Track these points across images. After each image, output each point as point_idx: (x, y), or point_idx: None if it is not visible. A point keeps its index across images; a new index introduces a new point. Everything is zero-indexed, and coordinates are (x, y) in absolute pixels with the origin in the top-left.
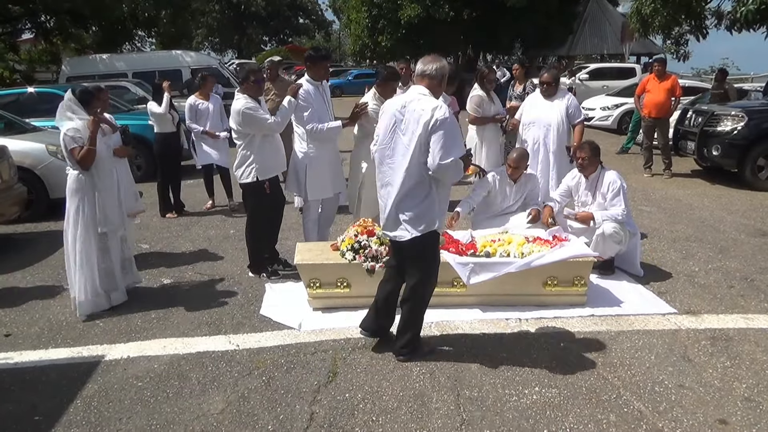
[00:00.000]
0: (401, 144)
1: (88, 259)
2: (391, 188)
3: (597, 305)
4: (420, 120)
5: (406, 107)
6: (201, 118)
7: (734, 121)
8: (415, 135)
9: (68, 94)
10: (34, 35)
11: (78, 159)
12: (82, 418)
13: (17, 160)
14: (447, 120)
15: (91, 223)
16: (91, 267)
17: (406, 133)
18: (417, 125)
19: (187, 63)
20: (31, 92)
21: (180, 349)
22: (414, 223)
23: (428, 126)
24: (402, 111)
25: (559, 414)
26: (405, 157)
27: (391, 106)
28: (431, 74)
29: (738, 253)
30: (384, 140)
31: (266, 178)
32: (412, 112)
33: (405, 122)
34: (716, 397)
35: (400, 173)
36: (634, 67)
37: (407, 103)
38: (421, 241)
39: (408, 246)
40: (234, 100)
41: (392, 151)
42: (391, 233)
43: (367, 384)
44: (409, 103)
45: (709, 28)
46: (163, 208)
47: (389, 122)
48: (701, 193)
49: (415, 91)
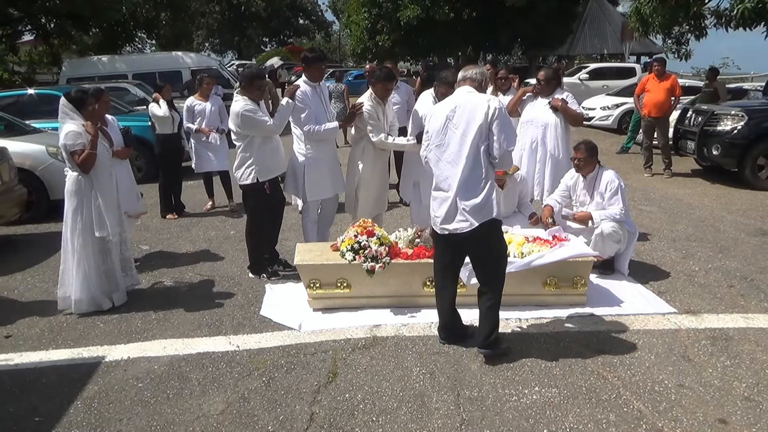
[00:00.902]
0: (455, 138)
1: (86, 260)
2: (449, 181)
3: (597, 305)
4: (476, 110)
5: (457, 105)
6: (197, 119)
7: (734, 120)
8: (472, 125)
9: (63, 99)
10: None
11: (79, 163)
12: (82, 419)
13: (17, 161)
14: (502, 109)
15: (89, 224)
16: (89, 267)
17: (459, 127)
18: (473, 115)
19: (187, 64)
20: (31, 94)
21: (180, 350)
22: (474, 212)
23: (488, 115)
24: (454, 109)
25: (559, 414)
26: (462, 149)
27: (442, 108)
28: (472, 77)
29: (738, 253)
30: (437, 140)
31: (266, 179)
32: (464, 106)
33: (457, 117)
34: (716, 396)
35: (457, 166)
36: (634, 67)
37: (457, 101)
38: (483, 230)
39: (469, 237)
40: (233, 101)
41: (446, 147)
42: (450, 226)
43: (367, 384)
44: (460, 100)
45: (709, 28)
46: (163, 210)
47: (441, 122)
48: (701, 193)
49: (462, 91)
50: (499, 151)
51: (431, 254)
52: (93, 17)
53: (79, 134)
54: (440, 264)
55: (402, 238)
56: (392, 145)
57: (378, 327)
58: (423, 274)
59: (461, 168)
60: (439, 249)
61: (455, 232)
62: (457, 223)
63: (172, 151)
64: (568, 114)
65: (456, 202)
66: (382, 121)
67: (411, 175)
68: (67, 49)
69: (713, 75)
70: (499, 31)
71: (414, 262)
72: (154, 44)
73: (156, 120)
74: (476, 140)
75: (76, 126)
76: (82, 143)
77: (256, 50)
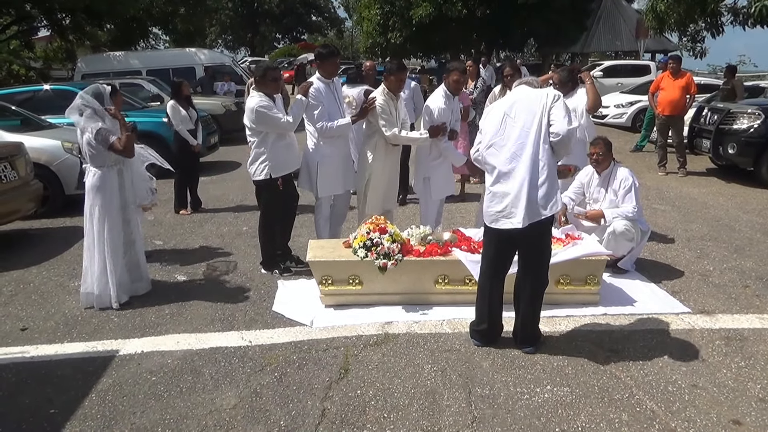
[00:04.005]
0: (515, 132)
1: (111, 256)
2: (509, 177)
3: (610, 304)
4: (534, 102)
5: (516, 100)
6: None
7: (750, 119)
8: (531, 117)
9: (85, 97)
10: (50, 33)
11: (123, 147)
12: (96, 412)
13: (33, 156)
14: (562, 97)
15: (117, 217)
16: (112, 264)
17: (518, 120)
18: (532, 107)
19: (201, 61)
20: (47, 90)
21: (193, 344)
22: (535, 207)
23: (546, 103)
24: (512, 105)
25: (571, 413)
26: (523, 143)
27: (499, 105)
28: (529, 82)
29: (753, 253)
30: (494, 137)
31: (279, 175)
32: (522, 100)
33: (515, 111)
34: (730, 397)
35: (518, 160)
36: (649, 65)
37: (515, 96)
38: (541, 226)
39: (527, 233)
40: (249, 97)
41: (505, 142)
42: (510, 222)
43: (379, 381)
44: (518, 96)
45: (725, 25)
46: (177, 205)
47: (499, 119)
48: (716, 192)
49: (521, 88)
50: (561, 130)
51: (443, 252)
52: (108, 13)
53: (108, 129)
54: (492, 264)
55: (414, 236)
56: (405, 139)
57: (390, 324)
58: (435, 272)
59: (522, 163)
60: (491, 248)
61: (514, 228)
62: (517, 218)
63: (190, 147)
64: (591, 93)
65: (517, 198)
66: (395, 116)
67: (422, 170)
68: (81, 45)
69: (731, 73)
70: (513, 28)
71: (426, 259)
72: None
73: (174, 117)
74: (537, 133)
75: (101, 123)
76: (115, 134)
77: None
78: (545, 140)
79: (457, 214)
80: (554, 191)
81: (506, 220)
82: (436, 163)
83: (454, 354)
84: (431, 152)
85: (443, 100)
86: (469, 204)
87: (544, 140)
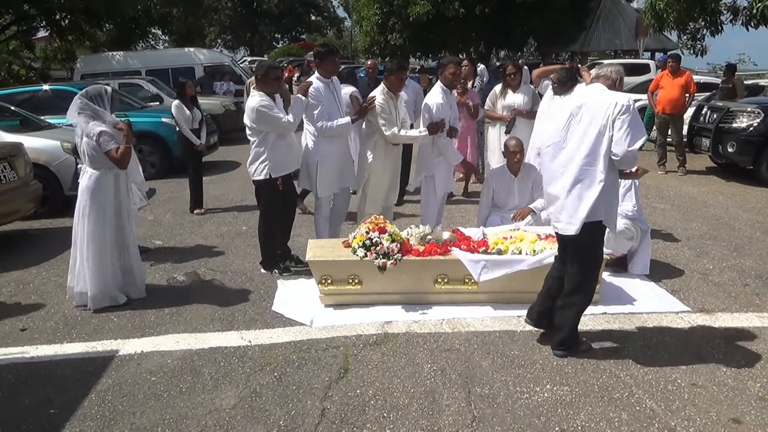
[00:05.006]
0: (576, 136)
1: (103, 257)
2: (561, 179)
3: (609, 303)
4: (600, 108)
5: (584, 103)
6: None
7: (750, 117)
8: (594, 123)
9: (82, 99)
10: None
11: (118, 158)
12: (96, 412)
13: (33, 157)
14: (630, 107)
15: (109, 221)
16: (106, 264)
17: (581, 123)
18: (597, 113)
19: (200, 60)
20: (47, 90)
21: (193, 344)
22: (580, 213)
23: (613, 112)
24: (579, 107)
25: (571, 412)
26: (580, 148)
27: (566, 105)
28: (607, 75)
29: (753, 251)
30: (556, 137)
31: (279, 175)
32: (590, 104)
33: (581, 114)
34: (730, 395)
35: (572, 165)
36: (648, 63)
37: (584, 98)
38: (587, 230)
39: (574, 236)
40: (249, 96)
41: (565, 144)
42: (560, 224)
43: (378, 380)
44: (587, 98)
45: (725, 24)
46: (193, 205)
47: (564, 119)
48: (716, 191)
49: (594, 88)
50: (620, 151)
51: (442, 251)
52: (107, 13)
53: (110, 134)
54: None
55: (413, 235)
56: (404, 138)
57: (389, 323)
58: (434, 271)
59: (575, 167)
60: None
61: (564, 231)
62: (564, 223)
63: (194, 148)
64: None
65: (565, 202)
66: (394, 115)
67: (423, 167)
68: (81, 45)
69: (731, 71)
70: (512, 27)
71: (425, 259)
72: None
73: (178, 117)
74: (596, 139)
75: (104, 126)
76: (116, 141)
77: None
78: (604, 150)
79: (457, 213)
80: (598, 202)
81: (556, 222)
82: (438, 160)
83: (454, 353)
84: (432, 150)
85: (441, 95)
86: (469, 204)
87: (603, 150)
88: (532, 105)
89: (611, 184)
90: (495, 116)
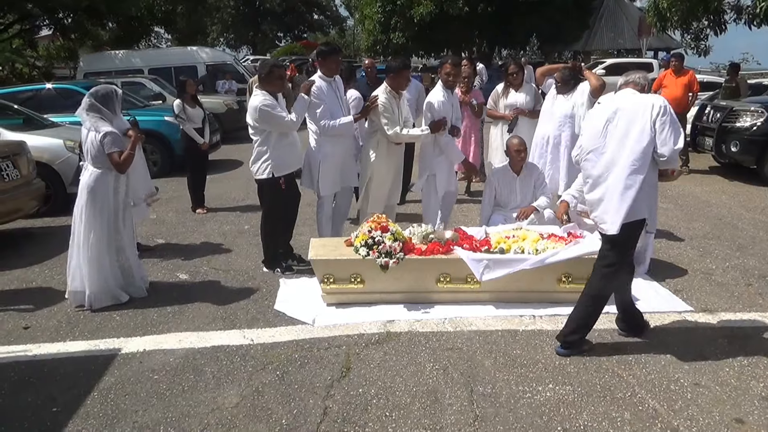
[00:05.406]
0: (614, 140)
1: (102, 255)
2: (604, 182)
3: (612, 303)
4: (638, 111)
5: (619, 108)
6: None
7: (753, 116)
8: (633, 126)
9: (91, 99)
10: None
11: (120, 162)
12: (99, 410)
13: (35, 155)
14: (667, 107)
15: (106, 221)
16: (106, 261)
17: (618, 128)
18: (635, 116)
19: (203, 59)
20: (49, 88)
21: (195, 343)
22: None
23: (652, 114)
24: (615, 111)
25: (573, 411)
26: (621, 151)
27: (602, 111)
28: (636, 81)
29: (756, 251)
30: (594, 143)
31: (281, 174)
32: (625, 108)
33: (617, 118)
34: (733, 395)
35: (614, 168)
36: (651, 62)
37: (619, 103)
38: (629, 229)
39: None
40: (252, 95)
41: (604, 149)
42: (605, 225)
43: (381, 379)
44: (621, 102)
45: (728, 23)
46: (194, 204)
47: (601, 124)
48: (719, 190)
49: (626, 93)
50: (667, 151)
51: (445, 250)
52: (110, 12)
53: (118, 136)
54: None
55: (416, 234)
56: (407, 137)
57: (391, 322)
58: (436, 270)
59: (619, 169)
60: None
61: (607, 231)
62: (608, 224)
63: (197, 147)
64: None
65: (610, 203)
66: (397, 115)
67: (425, 167)
68: (83, 44)
69: (734, 70)
70: (514, 26)
71: (428, 258)
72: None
73: (181, 116)
74: (638, 140)
75: (111, 127)
76: (122, 143)
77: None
78: (646, 150)
79: (459, 213)
80: (645, 201)
81: (601, 224)
82: (439, 159)
83: (456, 352)
84: (434, 149)
85: (442, 93)
86: (471, 203)
87: (645, 151)
88: (534, 104)
89: (653, 183)
90: (497, 115)
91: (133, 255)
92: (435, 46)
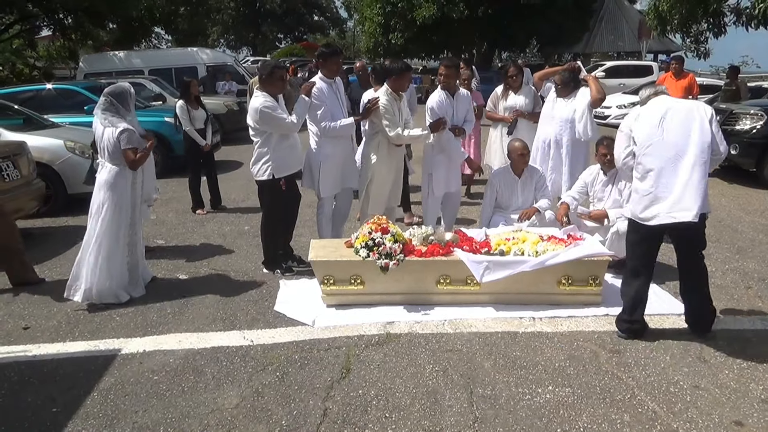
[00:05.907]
0: (674, 136)
1: (114, 252)
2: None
3: (612, 305)
4: (691, 109)
5: (668, 108)
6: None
7: (753, 119)
8: (692, 123)
9: (108, 98)
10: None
11: (135, 160)
12: (99, 411)
13: (36, 155)
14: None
15: (124, 216)
16: (115, 259)
17: (674, 120)
18: (691, 115)
19: (203, 60)
20: (50, 89)
21: (195, 343)
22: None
23: (707, 115)
24: (666, 111)
25: (573, 413)
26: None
27: (651, 114)
28: (664, 91)
29: (756, 254)
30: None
31: (282, 175)
32: (676, 108)
33: (669, 115)
34: (732, 398)
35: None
36: (651, 65)
37: (667, 105)
38: (701, 221)
39: (694, 228)
40: (253, 96)
41: (664, 147)
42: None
43: (381, 381)
44: (669, 104)
45: (728, 25)
46: (194, 205)
47: (656, 122)
48: (718, 193)
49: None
50: (723, 146)
51: (445, 252)
52: (110, 12)
53: (134, 134)
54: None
55: (416, 236)
56: (408, 138)
57: (391, 324)
58: (436, 272)
59: (686, 162)
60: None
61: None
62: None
63: (199, 148)
64: (594, 84)
65: (683, 193)
66: (398, 116)
67: (426, 166)
68: (84, 44)
69: (734, 73)
70: (515, 28)
71: (428, 259)
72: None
73: (182, 117)
74: (700, 136)
75: (127, 124)
76: (138, 141)
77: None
78: (710, 146)
79: (459, 214)
80: (705, 193)
81: (668, 215)
82: (438, 159)
83: (456, 354)
84: (433, 148)
85: (440, 94)
86: (472, 205)
87: (710, 146)
88: (533, 106)
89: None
90: (497, 117)
91: (142, 251)
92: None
